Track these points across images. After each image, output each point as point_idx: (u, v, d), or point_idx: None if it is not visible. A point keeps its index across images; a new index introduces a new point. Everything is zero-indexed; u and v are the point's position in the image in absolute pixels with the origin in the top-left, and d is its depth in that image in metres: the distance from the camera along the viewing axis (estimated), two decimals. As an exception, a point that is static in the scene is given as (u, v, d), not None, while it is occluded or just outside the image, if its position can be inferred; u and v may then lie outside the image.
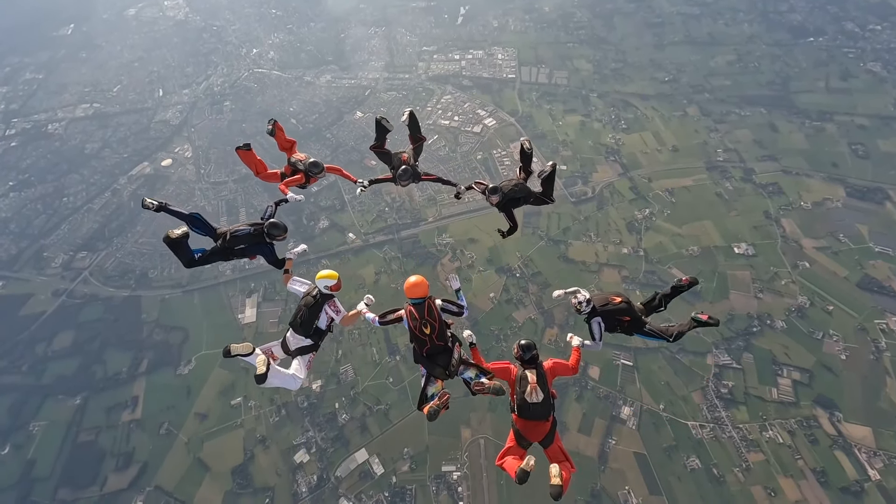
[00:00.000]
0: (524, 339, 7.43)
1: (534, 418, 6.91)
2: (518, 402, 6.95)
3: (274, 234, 8.65)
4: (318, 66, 67.36)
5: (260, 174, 10.49)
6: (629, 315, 8.55)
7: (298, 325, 8.16)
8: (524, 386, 6.95)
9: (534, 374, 7.03)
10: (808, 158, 48.63)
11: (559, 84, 59.97)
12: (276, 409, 37.47)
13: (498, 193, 9.42)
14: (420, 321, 7.33)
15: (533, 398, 6.83)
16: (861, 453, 32.35)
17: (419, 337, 7.44)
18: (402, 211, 49.05)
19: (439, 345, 7.42)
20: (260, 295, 44.10)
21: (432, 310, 7.40)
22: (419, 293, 7.50)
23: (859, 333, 37.27)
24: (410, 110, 11.24)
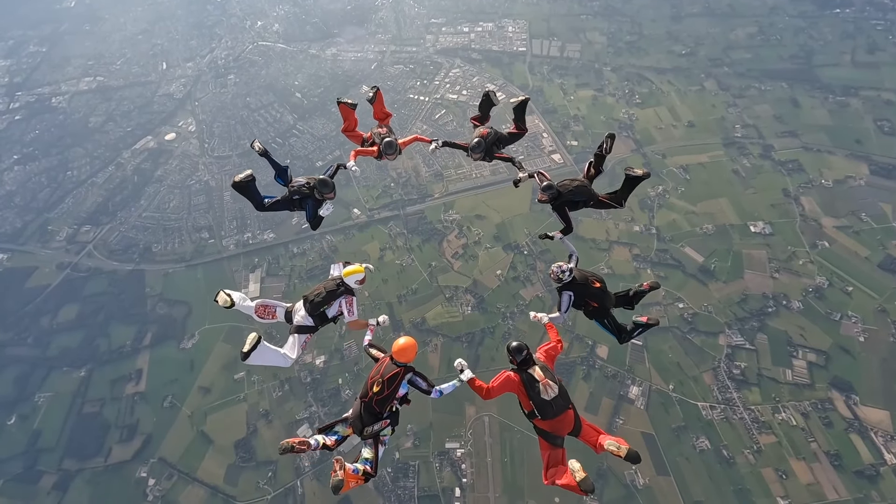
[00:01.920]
0: (514, 342, 6.94)
1: (559, 413, 6.56)
2: (536, 404, 6.55)
3: (322, 191, 8.89)
4: (324, 39, 65.73)
5: (347, 130, 10.82)
6: (598, 301, 8.21)
7: (310, 302, 8.12)
8: (535, 386, 6.57)
9: (538, 371, 6.69)
10: (831, 135, 46.60)
11: (571, 57, 57.92)
12: (280, 383, 37.18)
13: (549, 192, 8.55)
14: (378, 377, 7.05)
15: (549, 394, 6.50)
16: (878, 437, 31.36)
17: (366, 387, 7.19)
18: (408, 186, 48.00)
19: (374, 408, 7.10)
20: (264, 270, 43.61)
21: (394, 380, 7.03)
22: (401, 358, 7.17)
23: (879, 315, 35.95)
24: (526, 97, 10.63)
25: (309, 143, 53.22)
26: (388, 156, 10.21)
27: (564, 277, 8.10)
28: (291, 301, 8.68)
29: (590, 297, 8.21)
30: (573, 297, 8.19)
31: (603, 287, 8.32)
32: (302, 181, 8.99)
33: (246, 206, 47.09)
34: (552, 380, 6.61)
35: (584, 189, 8.91)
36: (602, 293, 8.24)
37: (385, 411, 7.17)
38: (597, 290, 8.18)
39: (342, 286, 8.20)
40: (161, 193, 50.39)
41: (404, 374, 7.12)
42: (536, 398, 6.56)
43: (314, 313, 8.15)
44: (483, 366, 36.26)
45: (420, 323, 38.98)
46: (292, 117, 56.12)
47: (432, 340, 38.13)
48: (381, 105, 10.86)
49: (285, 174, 9.39)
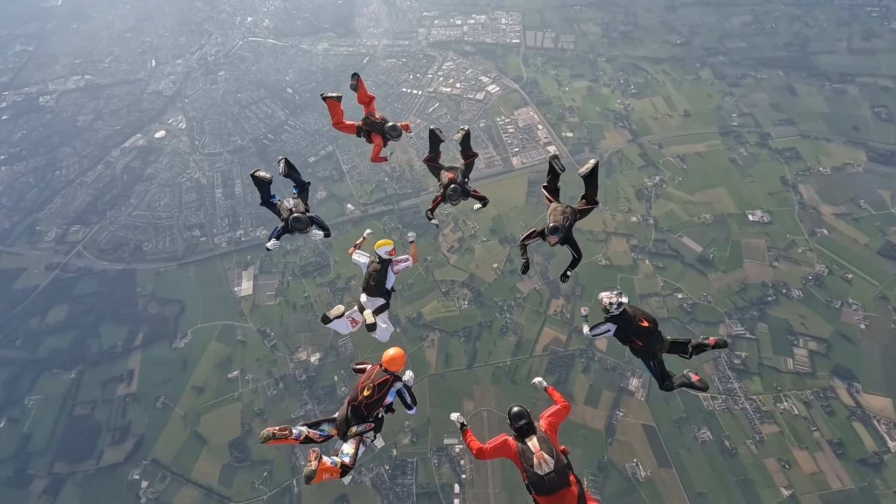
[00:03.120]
0: (515, 407, 6.82)
1: (554, 490, 6.08)
2: (530, 478, 6.20)
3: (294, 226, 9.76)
4: (315, 34, 64.89)
5: (338, 124, 11.45)
6: (644, 342, 8.11)
7: (373, 288, 9.29)
8: (529, 458, 6.28)
9: (534, 441, 6.39)
10: (828, 122, 46.20)
11: (566, 49, 57.31)
12: (274, 382, 36.56)
13: (558, 233, 8.52)
14: (369, 382, 7.59)
15: (543, 469, 6.12)
16: (881, 424, 31.00)
17: (356, 391, 7.70)
18: (402, 181, 47.33)
19: (362, 412, 7.59)
20: (257, 267, 42.91)
21: (384, 386, 7.61)
22: (391, 367, 7.77)
23: (880, 302, 35.59)
24: (467, 129, 11.17)
25: (301, 138, 52.47)
26: (394, 138, 10.92)
27: (612, 310, 8.11)
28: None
29: (635, 335, 8.11)
30: (614, 331, 8.19)
31: (651, 328, 8.11)
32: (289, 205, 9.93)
33: (237, 203, 46.71)
34: (549, 453, 6.22)
35: (570, 211, 9.00)
36: (649, 333, 8.07)
37: (372, 416, 7.57)
38: (643, 328, 8.03)
39: (381, 262, 9.46)
40: (151, 192, 49.57)
41: (393, 381, 7.67)
42: (530, 471, 6.23)
43: (381, 293, 9.38)
44: (480, 360, 35.76)
45: (416, 318, 38.40)
46: (284, 113, 55.34)
47: (429, 335, 37.57)
48: (363, 90, 11.47)
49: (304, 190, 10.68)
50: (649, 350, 8.18)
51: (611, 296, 8.12)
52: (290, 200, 10.08)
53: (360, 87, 11.45)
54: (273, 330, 39.11)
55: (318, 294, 40.67)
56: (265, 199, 10.17)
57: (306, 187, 10.62)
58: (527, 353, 35.84)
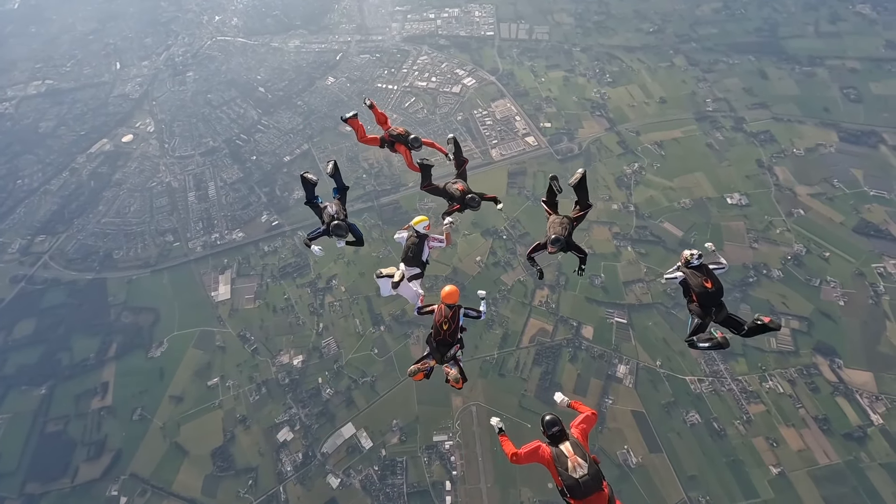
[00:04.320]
0: (547, 415, 7.07)
1: (589, 493, 6.29)
2: (566, 482, 6.36)
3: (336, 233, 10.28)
4: (286, 31, 63.52)
5: (363, 139, 12.62)
6: (699, 299, 8.87)
7: (411, 259, 10.51)
8: (564, 462, 6.48)
9: (568, 446, 6.59)
10: (800, 104, 46.90)
11: (540, 40, 57.14)
12: (256, 387, 35.50)
13: (559, 244, 9.43)
14: (444, 318, 9.24)
15: (578, 473, 6.32)
16: (863, 398, 31.45)
17: (437, 328, 9.29)
18: (381, 177, 46.55)
19: (448, 340, 9.26)
20: (234, 271, 41.68)
21: (456, 315, 9.29)
22: (451, 300, 9.41)
23: (857, 278, 36.16)
24: (454, 136, 12.65)
25: (275, 137, 51.23)
26: (416, 148, 12.13)
27: (692, 261, 9.09)
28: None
29: (695, 291, 8.88)
30: (680, 280, 9.22)
31: (712, 290, 8.79)
32: (332, 210, 10.43)
33: (211, 206, 45.43)
34: (583, 457, 6.46)
35: (568, 221, 9.85)
36: (706, 294, 8.74)
37: (455, 339, 9.31)
38: (704, 288, 8.74)
39: (419, 236, 10.68)
40: (120, 198, 47.82)
41: (458, 310, 9.36)
42: (565, 475, 6.42)
43: (418, 264, 10.54)
44: (467, 354, 35.20)
45: (400, 315, 37.70)
46: (256, 112, 53.99)
47: (414, 332, 36.92)
48: (377, 112, 12.74)
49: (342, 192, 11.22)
50: (702, 309, 8.84)
51: (693, 252, 9.11)
52: (333, 206, 10.51)
53: (374, 110, 12.70)
54: (253, 334, 38.01)
55: (299, 295, 39.69)
56: (309, 199, 10.85)
57: (345, 191, 11.18)
58: (513, 346, 35.46)
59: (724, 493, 29.42)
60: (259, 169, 48.77)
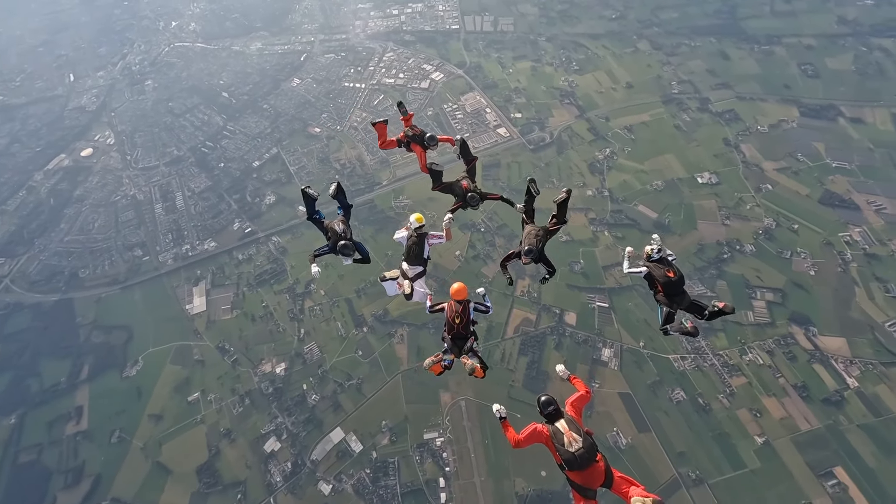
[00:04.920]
0: (542, 396, 7.43)
1: (586, 465, 6.78)
2: (563, 457, 6.85)
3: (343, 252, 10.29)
4: (247, 34, 62.06)
5: (383, 144, 12.60)
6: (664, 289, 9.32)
7: (413, 258, 10.66)
8: (560, 438, 6.91)
9: (563, 423, 7.03)
10: (761, 82, 48.05)
11: (505, 31, 57.16)
12: (239, 399, 34.59)
13: (531, 255, 9.82)
14: (455, 314, 9.61)
15: (573, 447, 6.76)
16: (838, 363, 32.40)
17: (451, 323, 9.62)
18: (355, 176, 45.87)
19: (462, 333, 9.65)
20: (208, 282, 40.52)
21: (467, 310, 9.69)
22: (461, 297, 9.75)
23: (825, 248, 37.23)
24: (461, 138, 12.51)
25: (242, 143, 49.98)
26: (432, 147, 12.22)
27: (653, 255, 9.53)
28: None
29: (659, 282, 9.32)
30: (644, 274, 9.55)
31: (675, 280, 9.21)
32: (339, 229, 10.37)
33: (180, 217, 44.13)
34: (577, 433, 6.85)
35: (543, 233, 10.23)
36: (670, 283, 9.19)
37: (469, 332, 9.70)
38: (668, 278, 9.18)
39: (418, 235, 10.84)
40: (83, 214, 45.96)
41: (468, 304, 9.77)
42: (562, 450, 6.84)
43: (420, 262, 10.69)
44: (453, 349, 34.97)
45: (383, 315, 37.25)
46: (221, 118, 52.59)
47: (397, 331, 36.53)
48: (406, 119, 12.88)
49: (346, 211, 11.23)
50: (668, 298, 9.30)
51: (653, 246, 9.52)
52: (339, 224, 10.45)
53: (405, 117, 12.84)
54: (232, 345, 37.03)
55: (278, 302, 38.82)
56: (311, 215, 10.93)
57: (349, 210, 11.28)
58: (498, 337, 35.39)
59: (713, 466, 29.93)
60: (228, 176, 47.51)
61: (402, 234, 11.31)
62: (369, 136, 48.33)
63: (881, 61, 48.16)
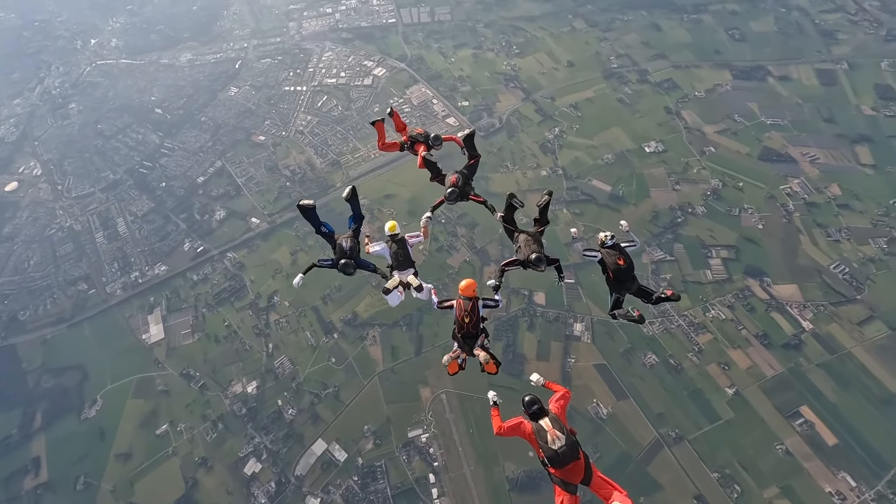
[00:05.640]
0: (527, 396, 7.67)
1: (567, 462, 7.01)
2: (546, 454, 7.08)
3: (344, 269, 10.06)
4: (175, 46, 59.07)
5: (385, 146, 12.62)
6: (614, 275, 9.71)
7: (402, 263, 10.42)
8: (544, 436, 7.14)
9: (547, 421, 7.24)
10: (694, 50, 49.86)
11: (443, 20, 56.82)
12: (212, 424, 33.12)
13: (543, 262, 9.66)
14: (465, 312, 9.36)
15: (556, 444, 6.99)
16: (793, 309, 34.15)
17: (460, 322, 9.40)
18: (306, 182, 44.58)
19: (472, 332, 9.41)
20: (163, 308, 38.51)
21: (476, 308, 9.39)
22: (470, 293, 9.44)
23: (769, 202, 39.08)
24: (471, 130, 12.28)
25: (184, 159, 47.64)
26: (437, 146, 12.14)
27: (607, 241, 9.83)
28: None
29: (610, 268, 9.70)
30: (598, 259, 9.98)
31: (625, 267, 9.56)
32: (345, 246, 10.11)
33: (125, 244, 41.80)
34: (560, 430, 7.10)
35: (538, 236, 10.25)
36: (619, 269, 9.55)
37: (479, 330, 9.47)
38: (618, 265, 9.53)
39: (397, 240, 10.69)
40: (16, 253, 42.68)
41: (476, 301, 9.49)
42: (545, 447, 7.05)
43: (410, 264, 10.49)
44: (427, 344, 34.73)
45: (352, 319, 36.46)
46: (157, 136, 49.91)
47: (369, 333, 35.85)
48: (398, 120, 12.99)
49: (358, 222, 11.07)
50: (617, 283, 9.70)
51: (607, 234, 9.88)
52: (347, 241, 10.21)
53: (395, 117, 12.91)
54: (198, 370, 35.38)
55: (241, 319, 37.34)
56: (317, 229, 10.73)
57: (361, 220, 11.14)
58: (471, 326, 35.27)
59: (691, 422, 30.97)
60: (171, 195, 45.20)
61: (377, 247, 10.99)
62: (317, 140, 47.12)
63: (800, 20, 50.85)
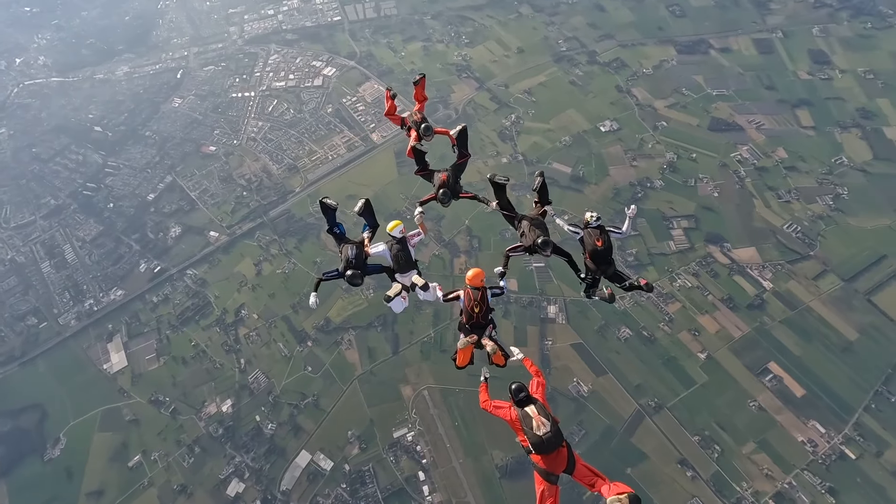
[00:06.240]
0: (514, 384, 7.55)
1: (551, 449, 7.05)
2: (531, 440, 7.09)
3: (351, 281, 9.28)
4: (110, 59, 56.07)
5: (389, 114, 12.08)
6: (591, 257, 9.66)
7: (404, 265, 9.73)
8: (529, 422, 7.17)
9: (533, 409, 7.28)
10: (638, 28, 50.93)
11: (389, 15, 56.02)
12: (188, 449, 31.83)
13: (549, 246, 9.44)
14: (474, 302, 9.02)
15: (542, 431, 7.04)
16: (753, 271, 35.49)
17: (469, 312, 9.06)
18: (264, 189, 43.24)
19: (481, 322, 9.07)
20: (124, 334, 36.73)
21: (485, 297, 9.02)
22: (478, 283, 9.08)
23: (722, 170, 40.42)
24: (463, 126, 11.46)
25: (130, 177, 45.37)
26: (427, 138, 11.32)
27: (592, 222, 9.79)
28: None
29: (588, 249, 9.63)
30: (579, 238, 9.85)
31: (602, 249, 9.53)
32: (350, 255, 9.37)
33: (75, 271, 39.70)
34: (546, 418, 7.13)
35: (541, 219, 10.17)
36: (596, 252, 9.51)
37: (488, 320, 9.13)
38: (596, 246, 9.50)
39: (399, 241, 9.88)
40: (-46, 293, 39.77)
41: (485, 291, 9.11)
42: (529, 433, 7.09)
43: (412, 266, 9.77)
44: (404, 342, 34.36)
45: (325, 325, 35.65)
46: (99, 155, 47.32)
47: (344, 337, 35.16)
48: (421, 91, 12.11)
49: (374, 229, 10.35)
50: (594, 265, 9.62)
51: (593, 215, 9.86)
52: (351, 250, 9.38)
53: (421, 86, 12.13)
54: (167, 395, 33.89)
55: (208, 337, 35.96)
56: (330, 228, 10.26)
57: (376, 229, 10.42)
58: (447, 319, 35.08)
59: (668, 390, 31.79)
60: (121, 216, 43.00)
61: (377, 248, 10.23)
62: (271, 146, 45.75)
63: (735, -7, 52.68)
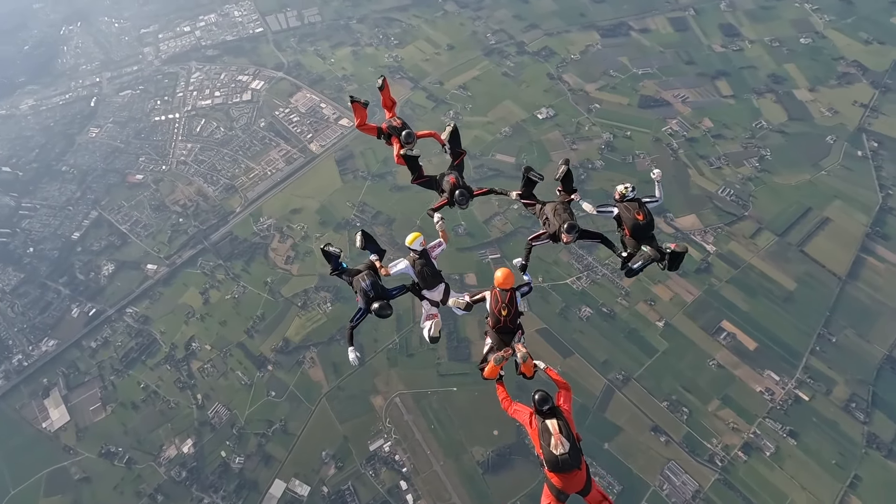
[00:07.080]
0: (537, 394, 6.98)
1: (567, 470, 6.58)
2: (546, 457, 6.63)
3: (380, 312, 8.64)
4: (11, 93, 51.83)
5: (362, 125, 11.15)
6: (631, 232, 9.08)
7: (432, 279, 9.16)
8: (547, 438, 6.69)
9: (555, 424, 6.74)
10: (561, 16, 52.31)
11: (314, 22, 54.86)
12: (149, 499, 29.63)
13: (575, 230, 8.86)
14: (501, 304, 8.31)
15: (559, 450, 6.55)
16: (696, 237, 37.07)
17: (496, 316, 8.37)
18: (201, 214, 41.06)
19: (509, 327, 8.37)
20: (62, 387, 33.81)
21: (513, 300, 8.35)
22: (507, 285, 8.39)
23: (656, 144, 42.09)
24: (453, 125, 11.07)
25: (49, 217, 41.90)
26: (408, 145, 10.64)
27: (628, 194, 9.34)
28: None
29: (627, 223, 9.06)
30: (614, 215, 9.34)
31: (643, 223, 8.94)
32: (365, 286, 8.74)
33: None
34: (567, 437, 6.66)
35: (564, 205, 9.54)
36: (638, 226, 8.95)
37: (515, 325, 8.42)
38: (637, 220, 8.95)
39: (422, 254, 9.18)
40: None
41: (514, 293, 8.44)
42: (546, 449, 6.67)
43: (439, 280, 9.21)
44: (369, 351, 33.46)
45: (284, 346, 34.22)
46: (11, 198, 43.42)
47: (306, 356, 33.86)
48: (387, 94, 11.33)
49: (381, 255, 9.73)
50: (635, 241, 8.99)
51: (627, 186, 9.38)
52: (365, 280, 8.76)
53: (386, 90, 11.28)
54: (119, 444, 31.44)
55: (158, 377, 33.68)
56: (334, 269, 9.57)
57: (383, 255, 9.81)
58: (410, 323, 34.45)
59: (633, 361, 32.61)
60: (43, 260, 39.63)
61: (399, 266, 9.53)
62: (204, 167, 43.57)
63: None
